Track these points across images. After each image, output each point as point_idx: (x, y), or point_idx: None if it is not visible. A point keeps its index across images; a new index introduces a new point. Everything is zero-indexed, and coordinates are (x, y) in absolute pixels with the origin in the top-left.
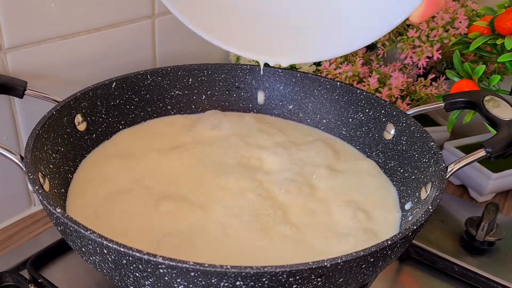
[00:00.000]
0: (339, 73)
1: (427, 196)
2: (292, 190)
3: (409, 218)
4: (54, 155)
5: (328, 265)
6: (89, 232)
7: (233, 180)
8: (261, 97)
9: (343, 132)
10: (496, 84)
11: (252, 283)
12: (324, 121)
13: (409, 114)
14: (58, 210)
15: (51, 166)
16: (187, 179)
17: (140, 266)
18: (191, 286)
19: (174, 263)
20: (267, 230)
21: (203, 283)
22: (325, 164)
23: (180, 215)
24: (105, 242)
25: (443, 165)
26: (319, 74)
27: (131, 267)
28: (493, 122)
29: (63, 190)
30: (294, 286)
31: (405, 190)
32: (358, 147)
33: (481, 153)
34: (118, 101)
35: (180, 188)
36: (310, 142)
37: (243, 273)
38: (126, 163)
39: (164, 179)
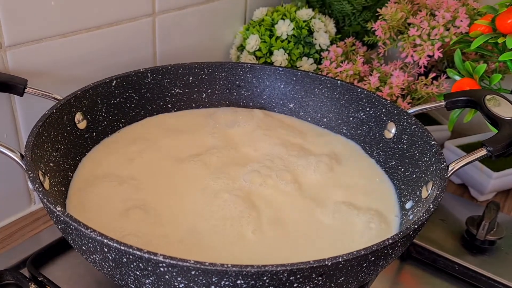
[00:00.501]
0: (340, 71)
1: (428, 195)
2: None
3: (410, 217)
4: (54, 153)
5: (329, 264)
6: (89, 230)
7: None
8: None
9: (344, 131)
10: (497, 83)
11: (253, 282)
12: (325, 119)
13: (410, 113)
14: (58, 209)
15: (51, 164)
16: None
17: (140, 265)
18: (191, 284)
19: (174, 262)
20: (243, 233)
21: (204, 281)
22: (326, 163)
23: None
24: (105, 240)
25: (444, 164)
26: (319, 72)
27: (132, 266)
28: (494, 121)
29: (63, 188)
30: (295, 285)
31: (406, 189)
32: (360, 146)
33: (482, 152)
34: (118, 99)
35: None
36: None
37: (244, 272)
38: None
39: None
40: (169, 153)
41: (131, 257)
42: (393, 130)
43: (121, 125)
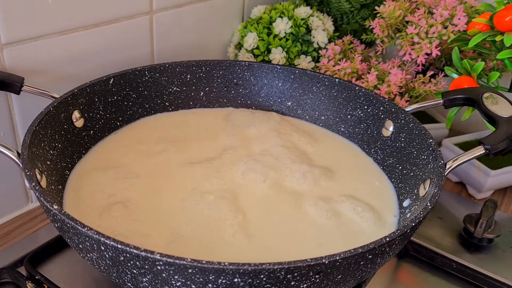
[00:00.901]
0: (338, 69)
1: (425, 193)
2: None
3: (408, 215)
4: (51, 152)
5: (326, 262)
6: (86, 229)
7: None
8: None
9: (342, 129)
10: (495, 81)
11: (250, 280)
12: (323, 117)
13: (407, 111)
14: (55, 207)
15: (48, 162)
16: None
17: (137, 263)
18: (188, 283)
19: (171, 260)
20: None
21: (201, 279)
22: (315, 176)
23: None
24: (102, 239)
25: (442, 162)
26: (317, 70)
27: (129, 264)
28: (492, 119)
29: (60, 186)
30: (292, 283)
31: (403, 187)
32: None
33: (480, 150)
34: (115, 97)
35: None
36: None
37: (241, 270)
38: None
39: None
40: (182, 154)
41: (128, 255)
42: (391, 128)
43: (118, 123)
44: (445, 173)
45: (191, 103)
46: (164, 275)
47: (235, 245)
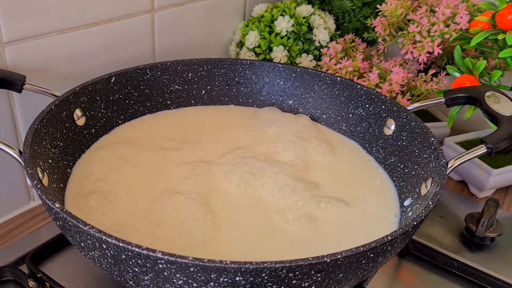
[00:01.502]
0: (340, 68)
1: (427, 192)
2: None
3: (409, 214)
4: (53, 150)
5: (328, 261)
6: (88, 227)
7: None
8: None
9: (343, 128)
10: (497, 79)
11: (252, 279)
12: (324, 116)
13: (409, 110)
14: (57, 205)
15: (50, 161)
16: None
17: (139, 261)
18: (190, 281)
19: (173, 258)
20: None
21: (203, 278)
22: (292, 190)
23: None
24: (104, 237)
25: (444, 160)
26: (319, 69)
27: (130, 262)
28: (494, 117)
29: (62, 184)
30: (294, 281)
31: (405, 186)
32: (359, 144)
33: (482, 149)
34: (117, 96)
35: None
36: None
37: (243, 269)
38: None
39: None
40: (187, 152)
41: (129, 253)
42: (393, 127)
43: (120, 121)
44: (447, 172)
45: (192, 101)
46: (165, 273)
47: (201, 243)
